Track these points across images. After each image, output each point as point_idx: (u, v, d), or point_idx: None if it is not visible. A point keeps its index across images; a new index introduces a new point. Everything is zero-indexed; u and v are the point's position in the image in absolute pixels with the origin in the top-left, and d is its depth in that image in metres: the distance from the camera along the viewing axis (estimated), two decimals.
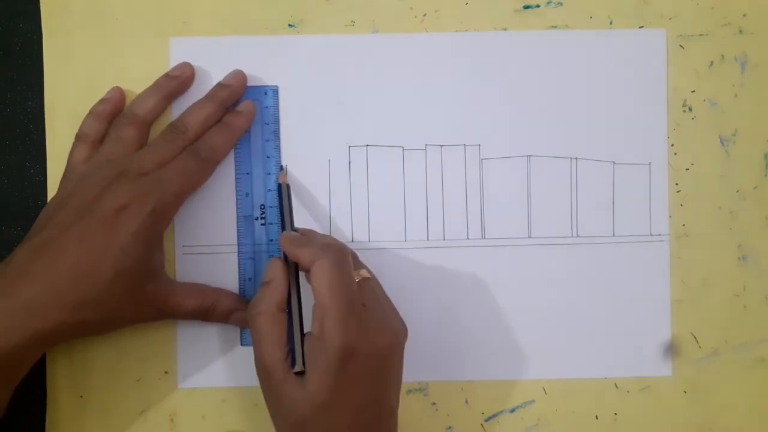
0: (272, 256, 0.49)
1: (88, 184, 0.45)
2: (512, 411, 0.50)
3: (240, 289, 0.49)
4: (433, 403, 0.50)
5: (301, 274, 0.44)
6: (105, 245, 0.43)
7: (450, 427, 0.50)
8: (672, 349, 0.50)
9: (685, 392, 0.50)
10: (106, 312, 0.43)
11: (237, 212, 0.49)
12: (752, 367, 0.50)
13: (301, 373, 0.41)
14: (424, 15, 0.50)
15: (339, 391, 0.41)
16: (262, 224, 0.49)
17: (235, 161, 0.49)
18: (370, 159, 0.50)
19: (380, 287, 0.45)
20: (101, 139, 0.48)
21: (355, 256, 0.46)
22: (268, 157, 0.49)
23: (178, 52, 0.49)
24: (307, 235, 0.46)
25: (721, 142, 0.50)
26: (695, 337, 0.50)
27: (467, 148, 0.50)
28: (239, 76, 0.49)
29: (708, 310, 0.50)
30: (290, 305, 0.44)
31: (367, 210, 0.50)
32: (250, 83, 0.49)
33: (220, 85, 0.49)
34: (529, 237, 0.50)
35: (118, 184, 0.44)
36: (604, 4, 0.50)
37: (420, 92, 0.50)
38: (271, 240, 0.49)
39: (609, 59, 0.50)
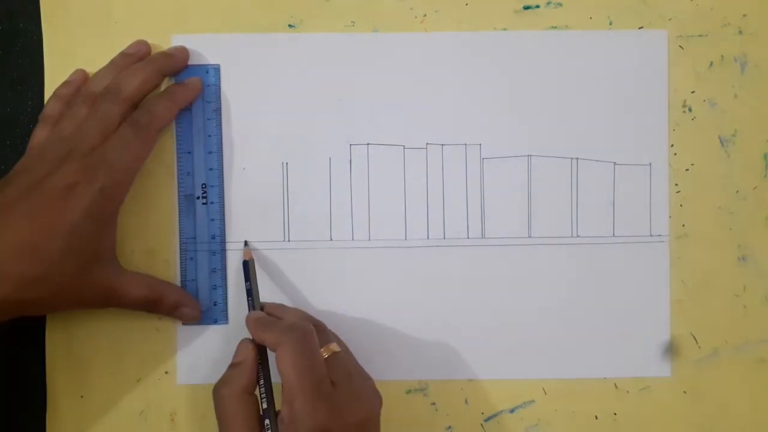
0: (214, 235, 0.49)
1: (39, 161, 0.44)
2: (512, 411, 0.50)
3: (182, 268, 0.49)
4: (433, 403, 0.50)
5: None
6: (53, 223, 0.43)
7: (450, 427, 0.50)
8: (672, 350, 0.50)
9: (685, 392, 0.50)
10: (49, 292, 0.43)
11: (178, 191, 0.49)
12: (752, 367, 0.50)
13: None
14: (424, 15, 0.50)
15: None
16: (203, 203, 0.49)
17: (177, 140, 0.49)
18: (371, 158, 0.50)
19: (350, 358, 0.45)
20: None
21: (323, 330, 0.45)
22: (209, 135, 0.49)
23: None
24: (274, 314, 0.45)
25: (721, 142, 0.50)
26: (695, 338, 0.50)
27: (468, 148, 0.50)
28: (182, 50, 0.49)
29: (708, 311, 0.50)
30: (261, 387, 0.43)
31: (367, 209, 0.50)
32: (249, 83, 0.49)
33: (161, 53, 0.49)
34: (530, 237, 0.50)
35: (67, 163, 0.44)
36: (604, 4, 0.50)
37: (421, 92, 0.50)
38: (212, 219, 0.49)
39: (609, 60, 0.50)
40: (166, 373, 0.49)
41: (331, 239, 0.50)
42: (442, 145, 0.50)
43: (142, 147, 0.46)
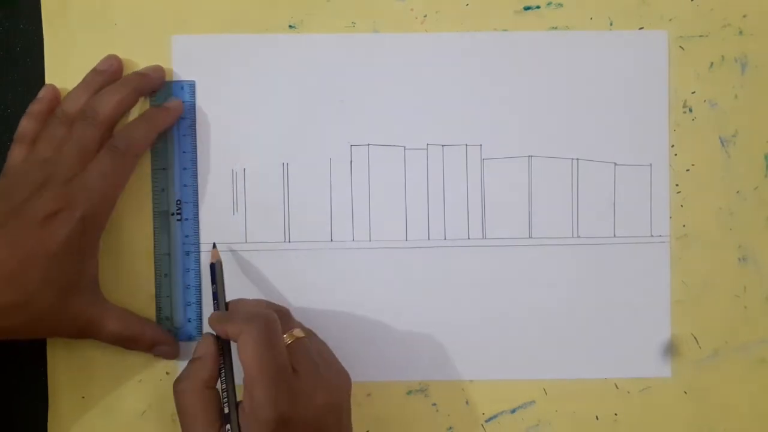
0: (188, 252, 0.49)
1: (17, 186, 0.44)
2: (513, 412, 0.50)
3: (156, 285, 0.49)
4: (434, 404, 0.50)
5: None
6: (32, 252, 0.42)
7: (450, 428, 0.50)
8: (672, 350, 0.50)
9: (686, 393, 0.50)
10: (25, 320, 0.43)
11: (153, 208, 0.49)
12: (753, 367, 0.50)
13: None
14: (425, 16, 0.50)
15: None
16: (178, 220, 0.49)
17: (152, 156, 0.49)
18: (371, 158, 0.50)
19: (317, 343, 0.45)
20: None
21: (287, 316, 0.45)
22: (184, 152, 0.49)
23: (180, 49, 0.49)
24: (235, 308, 0.45)
25: (722, 142, 0.50)
26: (695, 338, 0.50)
27: (469, 148, 0.50)
28: (158, 69, 0.49)
29: (708, 311, 0.50)
30: (223, 382, 0.43)
31: (368, 209, 0.50)
32: (249, 83, 0.49)
33: (136, 73, 0.48)
34: (530, 237, 0.50)
35: (46, 190, 0.43)
36: (604, 5, 0.50)
37: (421, 92, 0.50)
38: (187, 236, 0.49)
39: (609, 60, 0.50)
40: (167, 373, 0.49)
41: (331, 240, 0.50)
42: (443, 145, 0.50)
43: (121, 174, 0.46)
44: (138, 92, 0.48)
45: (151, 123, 0.47)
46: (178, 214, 0.49)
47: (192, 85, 0.49)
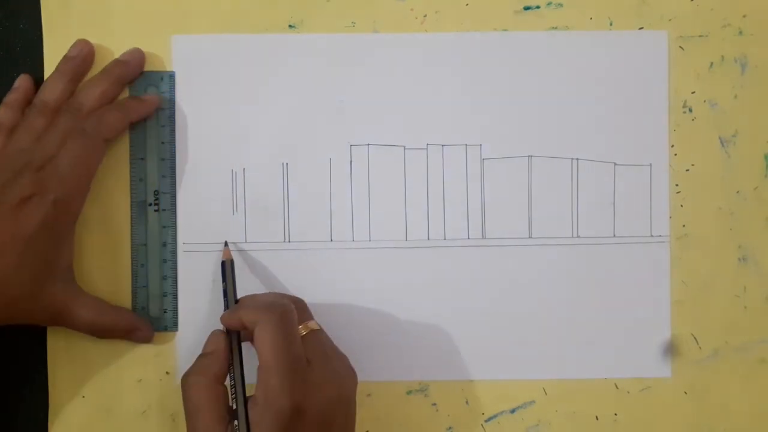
0: (165, 243, 0.49)
1: None
2: (512, 411, 0.50)
3: (132, 275, 0.49)
4: (434, 404, 0.50)
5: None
6: (8, 235, 0.43)
7: (450, 428, 0.50)
8: (672, 350, 0.50)
9: (686, 393, 0.50)
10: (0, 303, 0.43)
11: (131, 197, 0.49)
12: (753, 367, 0.50)
13: None
14: (425, 16, 0.50)
15: None
16: (155, 210, 0.49)
17: (130, 146, 0.49)
18: (371, 158, 0.50)
19: (327, 337, 0.45)
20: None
21: (303, 309, 0.46)
22: (162, 142, 0.49)
23: (180, 49, 0.49)
24: (246, 302, 0.45)
25: (722, 143, 0.50)
26: (695, 338, 0.50)
27: (468, 148, 0.50)
28: (137, 54, 0.49)
29: (708, 311, 0.50)
30: (233, 378, 0.43)
31: (368, 209, 0.50)
32: (249, 83, 0.49)
33: (116, 61, 0.48)
34: (530, 237, 0.50)
35: (22, 176, 0.44)
36: (604, 5, 0.50)
37: (421, 92, 0.50)
38: (165, 226, 0.49)
39: (609, 60, 0.50)
40: (167, 373, 0.49)
41: (331, 240, 0.50)
42: (443, 145, 0.50)
43: (90, 155, 0.46)
44: (120, 82, 0.48)
45: (124, 111, 0.47)
46: (155, 204, 0.49)
47: (171, 76, 0.49)
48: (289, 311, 0.43)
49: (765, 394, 0.50)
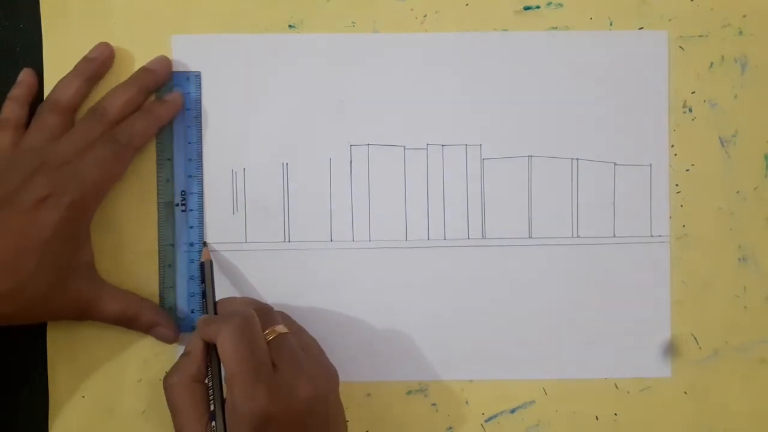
0: (192, 243, 0.49)
1: (9, 173, 0.44)
2: (512, 411, 0.50)
3: (160, 276, 0.49)
4: (434, 404, 0.50)
5: None
6: (26, 238, 0.43)
7: (450, 428, 0.50)
8: (672, 350, 0.50)
9: (686, 393, 0.50)
10: (21, 306, 0.43)
11: (158, 198, 0.49)
12: (753, 367, 0.50)
13: None
14: (425, 16, 0.50)
15: None
16: (182, 210, 0.49)
17: (157, 147, 0.49)
18: (371, 158, 0.50)
19: (303, 339, 0.45)
20: (23, 124, 0.47)
21: (267, 313, 0.45)
22: (189, 143, 0.49)
23: (180, 49, 0.49)
24: (222, 306, 0.45)
25: (722, 143, 0.50)
26: (695, 338, 0.50)
27: (468, 148, 0.50)
28: (164, 62, 0.49)
29: (708, 311, 0.50)
30: (210, 379, 0.43)
31: (368, 209, 0.50)
32: (249, 83, 0.49)
33: (143, 69, 0.48)
34: (530, 237, 0.50)
35: (38, 176, 0.44)
36: (604, 5, 0.50)
37: (421, 92, 0.50)
38: (191, 227, 0.49)
39: (609, 60, 0.50)
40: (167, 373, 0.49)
41: (331, 240, 0.50)
42: (443, 145, 0.50)
43: (118, 166, 0.46)
44: (146, 90, 0.48)
45: (151, 116, 0.47)
46: (182, 205, 0.49)
47: (198, 76, 0.49)
48: (248, 318, 0.42)
49: (765, 394, 0.50)
